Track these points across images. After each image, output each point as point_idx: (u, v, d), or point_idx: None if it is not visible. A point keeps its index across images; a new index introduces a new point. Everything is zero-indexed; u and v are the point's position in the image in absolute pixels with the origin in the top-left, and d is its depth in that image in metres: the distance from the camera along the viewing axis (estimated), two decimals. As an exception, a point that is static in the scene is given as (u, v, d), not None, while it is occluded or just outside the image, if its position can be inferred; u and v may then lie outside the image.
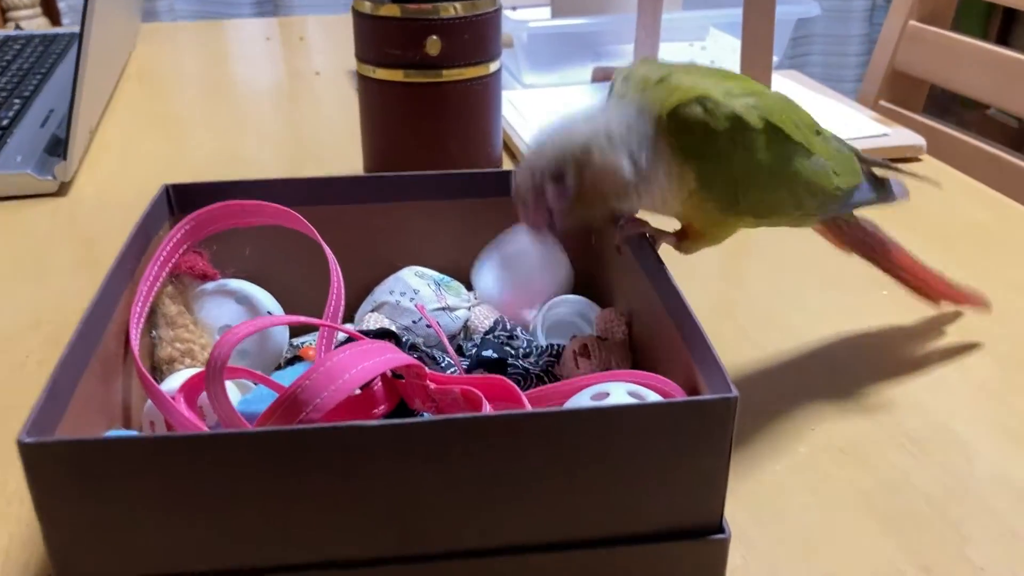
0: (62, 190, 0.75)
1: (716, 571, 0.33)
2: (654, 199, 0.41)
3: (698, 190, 0.41)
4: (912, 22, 0.97)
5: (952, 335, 0.55)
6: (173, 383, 0.40)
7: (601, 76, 0.98)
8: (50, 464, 0.29)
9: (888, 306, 0.57)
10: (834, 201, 0.45)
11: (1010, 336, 0.54)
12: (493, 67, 0.69)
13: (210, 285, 0.47)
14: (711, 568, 0.33)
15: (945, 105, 2.17)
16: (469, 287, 0.50)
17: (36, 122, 0.84)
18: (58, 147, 0.78)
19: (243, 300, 0.47)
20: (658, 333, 0.40)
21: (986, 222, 0.71)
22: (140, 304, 0.42)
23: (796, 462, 0.43)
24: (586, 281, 0.51)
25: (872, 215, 0.52)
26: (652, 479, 0.31)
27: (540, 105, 0.89)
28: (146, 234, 0.45)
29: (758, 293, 0.60)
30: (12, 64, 1.00)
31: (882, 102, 1.00)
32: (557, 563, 0.32)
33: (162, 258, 0.44)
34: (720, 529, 0.33)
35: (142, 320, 0.42)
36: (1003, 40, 2.09)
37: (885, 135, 0.81)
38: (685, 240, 0.45)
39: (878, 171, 0.49)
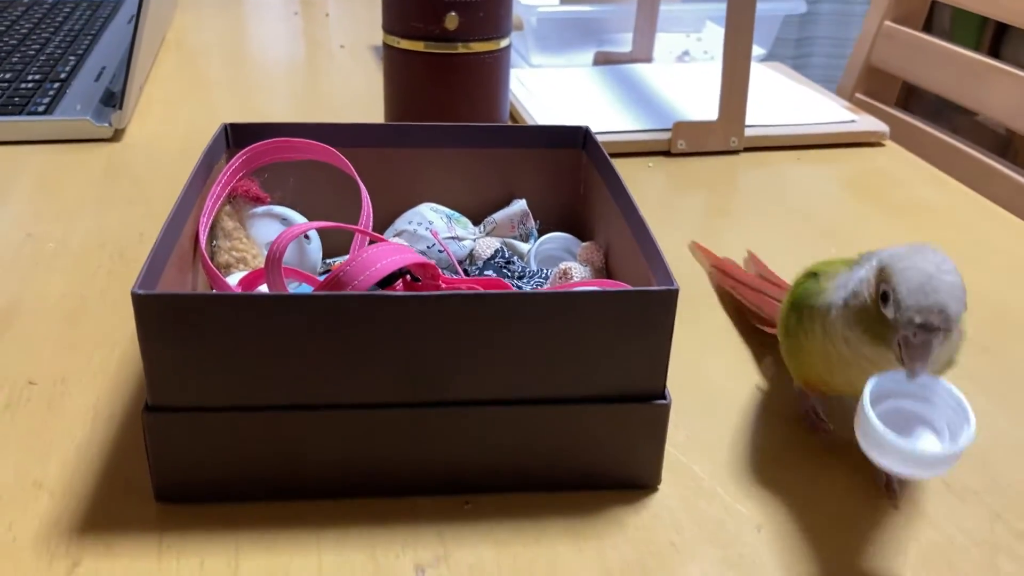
0: (115, 136, 0.84)
1: (659, 430, 0.43)
2: (941, 355, 0.42)
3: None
4: (887, 22, 1.06)
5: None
6: (232, 280, 0.49)
7: (602, 60, 1.07)
8: (154, 311, 0.38)
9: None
10: None
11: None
12: (504, 43, 0.78)
13: (259, 208, 0.56)
14: (655, 427, 0.43)
15: (937, 109, 2.25)
16: (475, 222, 0.60)
17: (91, 77, 0.93)
18: (111, 99, 0.87)
19: (286, 222, 0.56)
20: (626, 256, 0.50)
21: (936, 201, 0.80)
22: (205, 216, 0.51)
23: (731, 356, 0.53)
24: (571, 221, 0.60)
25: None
26: (610, 352, 0.41)
27: (545, 82, 0.98)
28: (209, 162, 0.54)
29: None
30: (64, 25, 1.09)
31: (858, 95, 1.09)
32: (532, 415, 0.42)
33: (223, 181, 0.53)
34: (663, 396, 0.42)
35: (206, 230, 0.51)
36: (994, 51, 2.17)
37: (852, 121, 0.91)
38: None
39: None
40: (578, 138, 0.59)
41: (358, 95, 1.00)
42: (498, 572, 0.39)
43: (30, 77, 0.91)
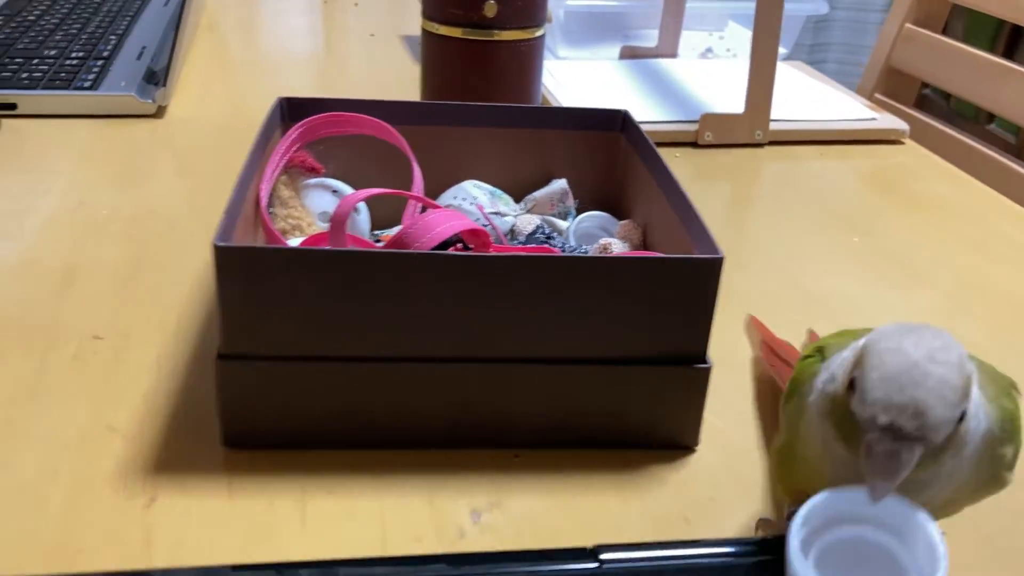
0: (159, 113, 0.87)
1: (699, 393, 0.45)
2: (955, 468, 0.33)
3: (1004, 467, 0.34)
4: (908, 24, 1.08)
5: (905, 274, 0.67)
6: (291, 244, 0.52)
7: (629, 54, 1.09)
8: (233, 262, 0.40)
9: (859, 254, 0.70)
10: None
11: (959, 282, 0.66)
12: (539, 32, 0.80)
13: (313, 180, 0.58)
14: (696, 390, 0.45)
15: (949, 119, 2.28)
16: (515, 200, 0.62)
17: (132, 56, 0.95)
18: (153, 78, 0.90)
19: (337, 194, 0.59)
20: (666, 232, 0.52)
21: (955, 196, 0.82)
22: (266, 184, 0.53)
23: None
24: (608, 201, 0.63)
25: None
26: (656, 316, 0.43)
27: (573, 73, 1.01)
28: (267, 134, 0.56)
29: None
30: (102, 6, 1.12)
31: (877, 95, 1.11)
32: (579, 374, 0.44)
33: (281, 152, 0.55)
34: (704, 360, 0.45)
35: (266, 198, 0.53)
36: (1009, 54, 2.20)
37: (873, 119, 0.93)
38: None
39: None
40: (616, 121, 0.62)
41: (389, 82, 1.02)
42: (549, 518, 0.41)
43: (73, 55, 0.94)
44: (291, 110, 0.59)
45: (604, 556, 0.35)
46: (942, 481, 0.33)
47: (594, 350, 0.44)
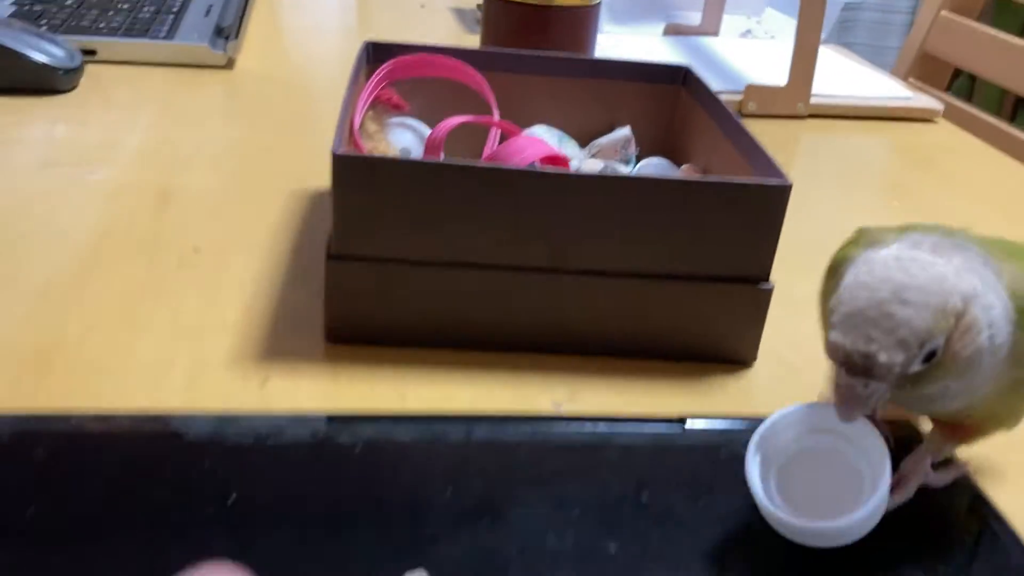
0: (228, 64, 0.91)
1: (761, 311, 0.49)
2: (975, 380, 0.34)
3: None
4: (944, 12, 1.12)
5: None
6: (380, 170, 0.56)
7: (672, 31, 1.13)
8: (349, 170, 0.45)
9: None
10: None
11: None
12: (595, 0, 0.84)
13: (396, 118, 0.62)
14: (758, 308, 0.49)
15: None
16: (581, 145, 0.66)
17: (200, 12, 1.00)
18: (222, 32, 0.94)
19: (417, 132, 0.63)
20: (729, 172, 0.56)
21: (986, 171, 0.86)
22: (358, 115, 0.58)
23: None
24: (668, 150, 0.67)
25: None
26: (726, 236, 0.47)
27: (621, 45, 1.05)
28: (356, 75, 0.60)
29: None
30: (167, -33, 1.16)
31: (911, 79, 1.15)
32: (652, 288, 0.48)
33: (370, 88, 0.59)
34: (767, 280, 0.49)
35: (358, 125, 0.58)
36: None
37: (908, 98, 0.97)
38: (954, 440, 0.40)
39: None
40: (678, 76, 0.66)
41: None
42: (623, 407, 0.46)
43: (145, 8, 0.98)
44: (376, 53, 0.63)
45: (688, 424, 0.40)
46: (953, 396, 0.34)
47: (667, 266, 0.48)
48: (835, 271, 0.38)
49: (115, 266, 0.54)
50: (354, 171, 0.45)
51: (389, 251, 0.46)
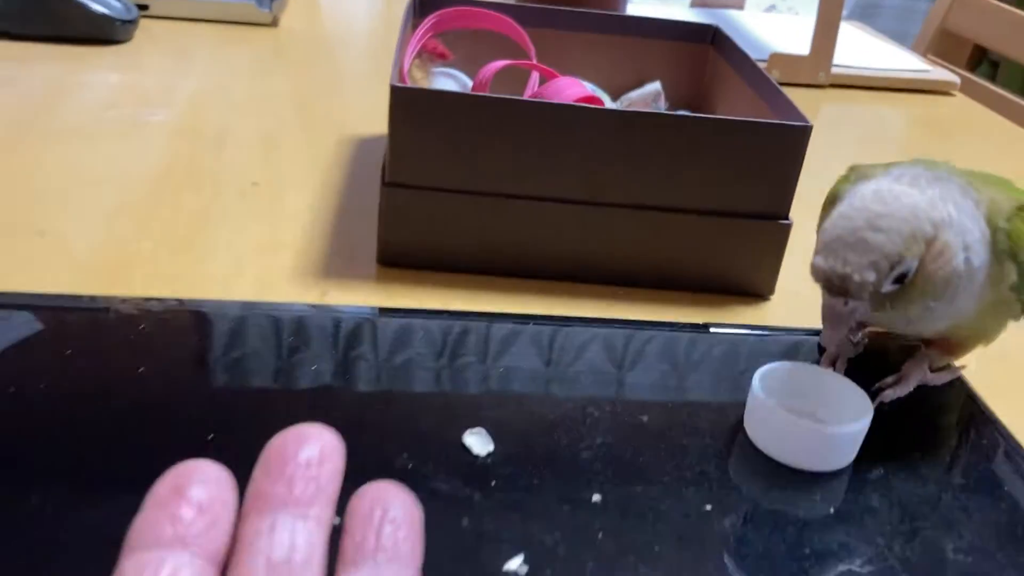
0: (273, 23, 0.95)
1: (779, 247, 0.53)
2: (956, 301, 0.37)
3: (1011, 289, 0.38)
4: (964, -10, 1.15)
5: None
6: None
7: (699, 3, 1.17)
8: (407, 102, 0.49)
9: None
10: None
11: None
12: (627, -34, 0.88)
13: (440, 68, 0.66)
14: (777, 244, 0.53)
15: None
16: (612, 98, 0.70)
17: (245, -26, 1.04)
18: (266, -6, 0.98)
19: (459, 81, 0.67)
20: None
21: (1001, 142, 0.89)
22: (407, 60, 0.61)
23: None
24: (695, 105, 0.70)
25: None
26: (749, 174, 0.51)
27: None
28: (405, 24, 0.64)
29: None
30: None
31: (930, 55, 1.18)
32: (678, 222, 0.52)
33: (417, 36, 0.63)
34: (786, 217, 0.52)
35: (407, 70, 0.62)
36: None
37: (926, 71, 1.00)
38: (944, 353, 0.44)
39: None
40: (707, 35, 0.69)
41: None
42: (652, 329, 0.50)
43: (193, -32, 1.02)
44: (422, 6, 0.67)
45: (712, 329, 0.44)
46: (938, 317, 0.38)
47: (694, 202, 0.52)
48: (829, 204, 0.43)
49: (180, 196, 0.58)
50: (410, 103, 0.49)
51: (438, 180, 0.50)
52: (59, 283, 0.47)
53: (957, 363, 0.46)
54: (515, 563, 0.28)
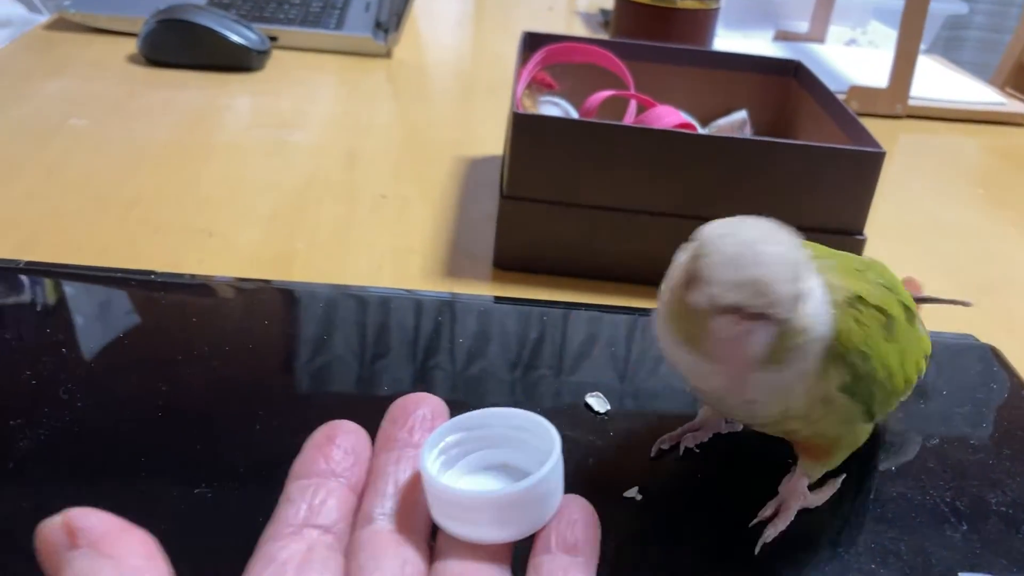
0: (388, 54, 1.05)
1: (854, 260, 0.59)
2: (785, 373, 0.32)
3: (841, 390, 0.34)
4: (1043, 25, 1.19)
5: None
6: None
7: (782, 36, 1.23)
8: (525, 126, 0.56)
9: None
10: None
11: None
12: (715, 5, 0.95)
13: (546, 97, 0.74)
14: (851, 256, 0.59)
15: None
16: (701, 125, 0.77)
17: (361, 8, 1.14)
18: (380, 25, 1.07)
19: (563, 109, 0.74)
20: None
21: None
22: (519, 91, 0.69)
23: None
24: (780, 133, 0.77)
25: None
26: (830, 192, 0.57)
27: (733, 46, 1.15)
28: (517, 61, 0.72)
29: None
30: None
31: (1008, 88, 1.22)
32: (767, 237, 0.58)
33: (528, 69, 0.71)
34: (861, 233, 0.59)
35: (519, 100, 0.70)
36: None
37: (1001, 103, 1.04)
38: (815, 460, 0.38)
39: None
40: (790, 69, 0.76)
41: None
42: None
43: (314, 3, 1.12)
44: (531, 42, 0.75)
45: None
46: (770, 391, 0.32)
47: (779, 217, 0.58)
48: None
49: (321, 205, 0.67)
50: (528, 128, 0.57)
51: (550, 194, 0.58)
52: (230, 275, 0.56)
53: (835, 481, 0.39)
54: (632, 492, 0.35)
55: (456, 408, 0.29)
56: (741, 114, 0.76)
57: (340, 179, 0.72)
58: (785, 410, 0.33)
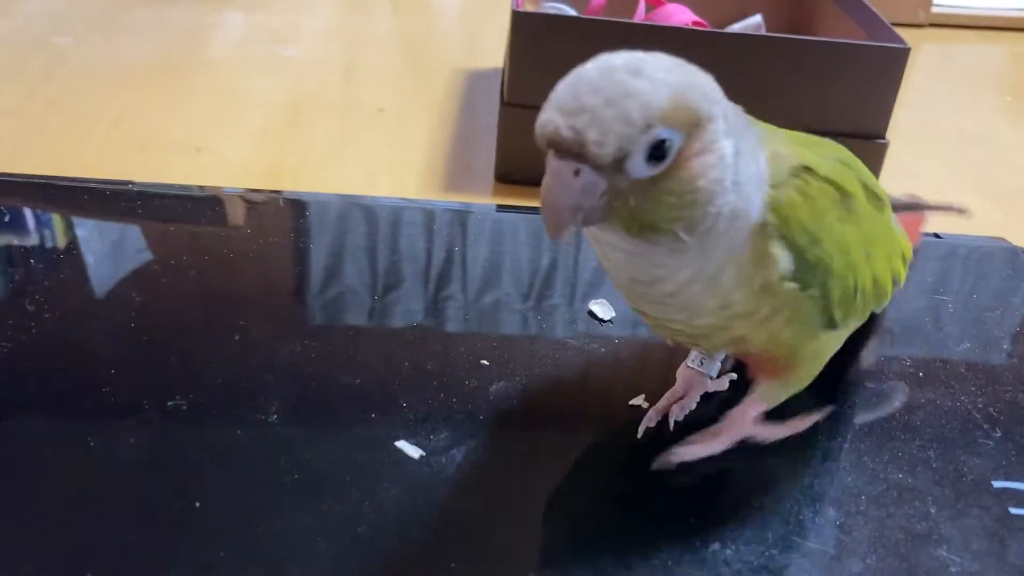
0: None
1: (876, 166, 0.56)
2: (710, 251, 0.26)
3: (785, 278, 0.27)
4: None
5: None
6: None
7: None
8: (525, 26, 0.53)
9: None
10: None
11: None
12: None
13: (549, 3, 0.70)
14: (874, 163, 0.56)
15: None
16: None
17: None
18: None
19: (563, 12, 0.71)
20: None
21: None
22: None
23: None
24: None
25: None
26: (852, 94, 0.54)
27: None
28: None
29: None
30: None
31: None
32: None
33: (530, -27, 0.68)
34: (883, 137, 0.55)
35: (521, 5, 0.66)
36: None
37: (1030, 9, 1.00)
38: (773, 378, 0.32)
39: None
40: (808, -31, 0.72)
41: None
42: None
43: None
44: None
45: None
46: (689, 280, 0.27)
47: (795, 120, 0.55)
48: None
49: (315, 120, 0.64)
50: (530, 26, 0.53)
51: (556, 99, 0.55)
52: (220, 190, 0.53)
53: (805, 418, 0.33)
54: (638, 399, 0.33)
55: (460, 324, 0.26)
56: (756, 18, 0.72)
57: (336, 94, 0.69)
58: (724, 307, 0.27)
